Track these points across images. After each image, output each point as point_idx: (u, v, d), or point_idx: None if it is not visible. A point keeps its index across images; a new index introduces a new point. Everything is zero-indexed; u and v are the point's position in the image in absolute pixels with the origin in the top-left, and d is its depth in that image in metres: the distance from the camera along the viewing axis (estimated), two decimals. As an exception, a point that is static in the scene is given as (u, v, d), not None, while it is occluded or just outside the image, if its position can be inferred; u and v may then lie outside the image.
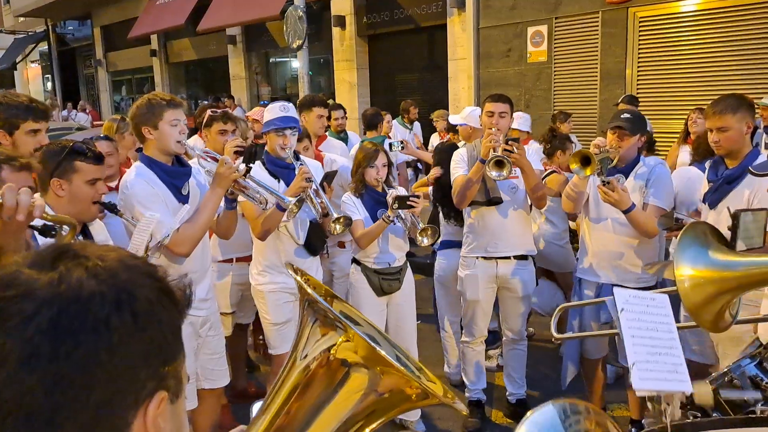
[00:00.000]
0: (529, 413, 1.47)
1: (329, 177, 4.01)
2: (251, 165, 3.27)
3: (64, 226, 1.99)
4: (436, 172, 4.62)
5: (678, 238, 1.57)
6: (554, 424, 1.45)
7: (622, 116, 3.61)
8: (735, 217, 1.64)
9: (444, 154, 4.53)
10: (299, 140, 4.15)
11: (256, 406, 1.44)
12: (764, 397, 1.85)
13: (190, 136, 4.21)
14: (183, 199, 3.15)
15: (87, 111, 19.13)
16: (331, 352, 1.06)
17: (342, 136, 6.44)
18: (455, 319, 4.63)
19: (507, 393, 4.35)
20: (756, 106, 6.27)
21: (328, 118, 6.63)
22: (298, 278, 1.18)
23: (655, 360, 1.35)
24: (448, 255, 4.58)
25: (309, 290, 1.12)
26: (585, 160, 3.38)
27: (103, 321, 0.71)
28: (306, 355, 1.10)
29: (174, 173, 3.14)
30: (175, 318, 0.81)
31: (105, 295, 0.72)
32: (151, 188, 3.02)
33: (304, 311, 1.16)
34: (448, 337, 4.72)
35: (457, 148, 4.33)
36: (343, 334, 1.06)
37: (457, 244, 4.34)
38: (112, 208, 2.84)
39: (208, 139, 4.28)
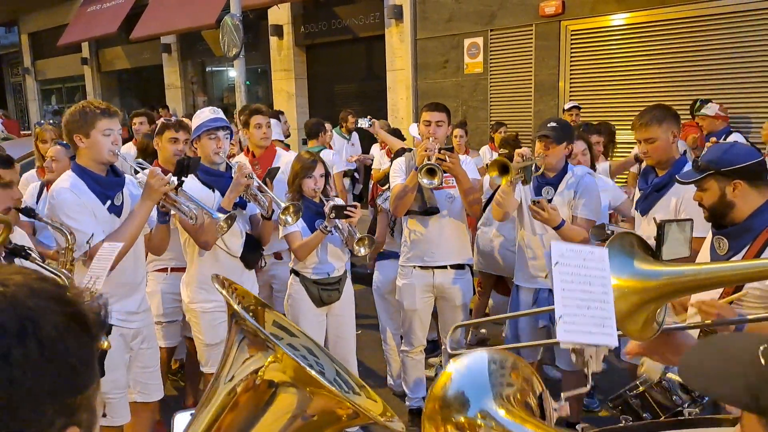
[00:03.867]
0: (461, 357, 1.45)
1: (271, 173, 3.89)
2: (183, 179, 3.19)
3: None
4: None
5: (605, 248, 1.59)
6: (481, 369, 1.44)
7: (548, 125, 3.71)
8: (660, 227, 1.66)
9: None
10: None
11: (178, 418, 1.38)
12: (691, 398, 1.91)
13: (123, 143, 4.07)
14: (116, 209, 3.09)
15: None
16: (259, 374, 1.02)
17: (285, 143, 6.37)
18: (397, 331, 4.62)
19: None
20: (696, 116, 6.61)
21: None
22: (224, 293, 1.13)
23: (583, 313, 1.34)
24: (385, 266, 4.59)
25: (237, 308, 1.07)
26: (503, 168, 3.43)
27: (2, 356, 0.66)
28: (232, 377, 1.05)
29: (106, 183, 3.08)
30: (86, 344, 0.76)
31: (5, 326, 0.67)
32: (78, 198, 2.96)
33: (231, 327, 1.11)
34: (390, 349, 4.70)
35: None
36: (272, 354, 1.01)
37: (393, 255, 4.34)
38: (29, 212, 2.80)
39: (159, 147, 4.14)
